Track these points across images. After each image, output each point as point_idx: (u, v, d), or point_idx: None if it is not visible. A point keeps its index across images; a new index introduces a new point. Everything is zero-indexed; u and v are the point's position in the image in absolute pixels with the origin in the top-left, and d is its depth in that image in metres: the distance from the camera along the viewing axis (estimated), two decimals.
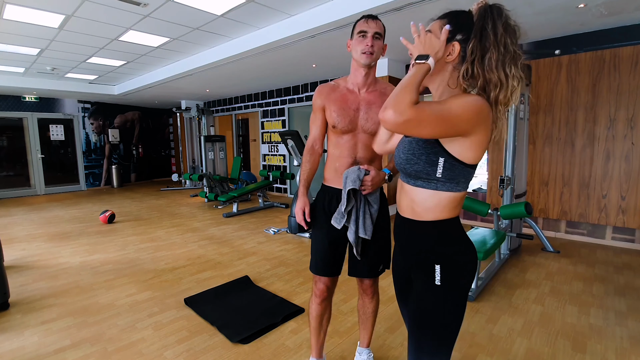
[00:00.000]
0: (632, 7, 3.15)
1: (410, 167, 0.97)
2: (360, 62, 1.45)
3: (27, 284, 2.99)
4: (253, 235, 4.45)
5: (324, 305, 1.68)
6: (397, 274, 1.18)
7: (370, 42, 1.41)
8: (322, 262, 1.60)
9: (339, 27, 3.52)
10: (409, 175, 1.00)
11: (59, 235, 4.56)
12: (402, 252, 1.11)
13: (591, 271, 3.12)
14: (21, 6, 3.37)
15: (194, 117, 9.24)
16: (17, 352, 2.01)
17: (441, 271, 0.97)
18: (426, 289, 1.00)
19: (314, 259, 1.63)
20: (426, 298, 1.00)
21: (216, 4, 3.39)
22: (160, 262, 3.51)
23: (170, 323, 2.31)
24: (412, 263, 1.05)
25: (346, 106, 1.49)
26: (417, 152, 0.96)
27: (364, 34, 1.42)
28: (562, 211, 4.12)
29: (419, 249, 1.02)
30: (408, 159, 0.98)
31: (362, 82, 1.51)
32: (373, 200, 1.51)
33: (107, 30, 4.08)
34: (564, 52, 3.94)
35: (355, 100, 1.50)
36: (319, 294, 1.65)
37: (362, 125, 1.48)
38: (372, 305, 1.72)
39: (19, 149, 8.24)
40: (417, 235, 1.02)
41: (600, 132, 3.82)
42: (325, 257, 1.59)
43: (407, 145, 1.00)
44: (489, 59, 0.90)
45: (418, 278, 1.03)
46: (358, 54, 1.44)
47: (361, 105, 1.49)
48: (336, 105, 1.49)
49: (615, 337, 2.10)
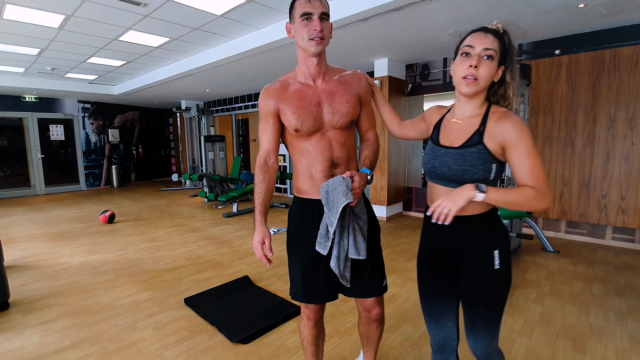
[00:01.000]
0: (632, 7, 3.15)
1: (469, 177, 1.07)
2: (310, 51, 1.23)
3: (27, 284, 2.99)
4: (253, 235, 4.44)
5: (318, 327, 1.47)
6: (433, 265, 1.24)
7: (318, 25, 1.19)
8: (314, 289, 1.35)
9: (339, 27, 3.52)
10: (461, 183, 1.09)
11: (59, 235, 4.56)
12: (446, 245, 1.18)
13: (591, 271, 3.12)
14: (21, 6, 3.37)
15: (194, 117, 9.24)
16: (17, 352, 2.01)
17: (499, 256, 1.11)
18: (488, 274, 1.12)
19: (301, 285, 1.37)
20: (489, 281, 1.12)
21: (216, 4, 3.39)
22: (160, 262, 3.51)
23: (170, 323, 2.31)
24: (465, 253, 1.15)
25: (306, 103, 1.26)
26: (474, 163, 1.07)
27: (309, 17, 1.20)
28: (562, 211, 4.12)
29: (475, 238, 1.13)
30: (465, 170, 1.08)
31: (316, 72, 1.29)
32: (360, 211, 1.27)
33: (107, 30, 4.08)
34: (564, 52, 3.94)
35: (314, 94, 1.28)
36: (311, 316, 1.43)
37: (328, 121, 1.28)
38: (378, 331, 1.49)
39: (19, 149, 8.24)
40: (471, 227, 1.13)
41: (600, 132, 3.81)
42: (318, 281, 1.34)
43: (458, 157, 1.09)
44: (514, 82, 1.10)
45: (476, 265, 1.14)
46: (305, 42, 1.22)
47: (322, 98, 1.28)
48: (293, 104, 1.26)
49: (615, 337, 2.09)
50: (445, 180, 1.13)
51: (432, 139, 1.21)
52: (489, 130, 1.07)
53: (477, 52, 1.04)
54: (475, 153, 1.07)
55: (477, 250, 1.13)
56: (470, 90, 1.07)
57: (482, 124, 1.09)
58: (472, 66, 1.04)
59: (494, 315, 1.15)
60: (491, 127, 1.07)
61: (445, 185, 1.14)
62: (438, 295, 1.23)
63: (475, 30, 1.08)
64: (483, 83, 1.06)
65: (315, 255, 1.32)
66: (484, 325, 1.15)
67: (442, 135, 1.18)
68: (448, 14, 3.30)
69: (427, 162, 1.18)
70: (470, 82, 1.06)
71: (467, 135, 1.10)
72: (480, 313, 1.15)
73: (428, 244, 1.25)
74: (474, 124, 1.11)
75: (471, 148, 1.07)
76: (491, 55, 1.04)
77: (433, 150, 1.18)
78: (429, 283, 1.26)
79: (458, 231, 1.14)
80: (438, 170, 1.14)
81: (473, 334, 1.18)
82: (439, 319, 1.24)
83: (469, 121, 1.12)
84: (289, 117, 1.27)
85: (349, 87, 1.32)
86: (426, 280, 1.27)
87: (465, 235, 1.13)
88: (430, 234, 1.23)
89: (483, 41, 1.04)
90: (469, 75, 1.05)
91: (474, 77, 1.05)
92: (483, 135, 1.07)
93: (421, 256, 1.28)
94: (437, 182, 1.17)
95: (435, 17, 3.37)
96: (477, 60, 1.04)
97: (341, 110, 1.28)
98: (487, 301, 1.14)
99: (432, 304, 1.25)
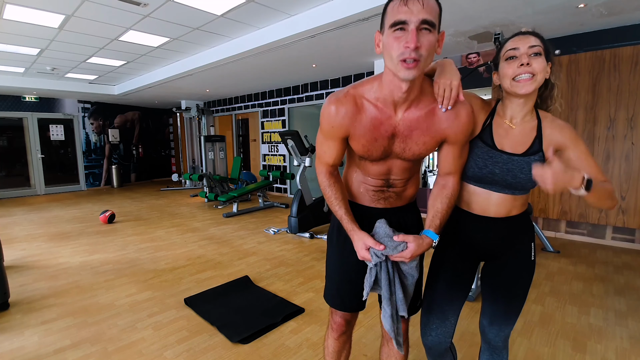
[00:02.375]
0: (632, 7, 3.15)
1: (531, 184, 1.10)
2: (399, 76, 0.93)
3: (27, 284, 2.99)
4: (253, 235, 4.45)
5: (343, 340, 1.36)
6: (458, 260, 1.26)
7: (413, 40, 0.86)
8: (347, 293, 1.26)
9: (339, 27, 3.52)
10: (521, 189, 1.13)
11: (59, 235, 4.56)
12: (485, 242, 1.21)
13: (591, 271, 3.12)
14: (21, 6, 3.37)
15: (194, 117, 9.25)
16: (17, 352, 2.01)
17: (534, 248, 1.21)
18: (525, 265, 1.20)
19: (334, 287, 1.29)
20: (525, 271, 1.20)
21: (216, 4, 3.39)
22: (160, 262, 3.51)
23: (170, 323, 2.31)
24: (507, 249, 1.20)
25: (379, 135, 1.04)
26: None
27: (402, 26, 0.88)
28: (562, 211, 4.12)
29: (520, 234, 1.19)
30: (530, 178, 1.08)
31: (401, 100, 1.01)
32: (409, 271, 1.15)
33: (107, 30, 4.08)
34: (564, 52, 3.94)
35: (390, 125, 1.04)
36: (337, 327, 1.33)
37: (397, 154, 1.09)
38: (401, 356, 1.35)
39: (19, 149, 8.24)
40: (515, 226, 1.18)
41: (600, 132, 3.81)
42: (351, 286, 1.24)
43: (525, 165, 1.10)
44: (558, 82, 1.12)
45: (515, 258, 1.20)
46: (394, 63, 0.91)
47: (398, 131, 1.05)
48: (365, 136, 1.05)
49: (615, 337, 2.10)
50: (503, 186, 1.13)
51: (485, 142, 1.14)
52: (546, 137, 1.10)
53: (524, 52, 1.03)
54: (539, 162, 1.08)
55: (520, 244, 1.19)
56: (530, 88, 1.03)
57: (538, 129, 1.11)
58: (525, 64, 1.02)
59: (520, 303, 1.22)
60: (548, 133, 1.10)
61: (497, 191, 1.14)
62: (452, 290, 1.24)
63: (512, 36, 1.08)
64: (540, 77, 1.04)
65: (354, 257, 1.20)
66: (512, 315, 1.22)
67: (496, 138, 1.13)
68: (448, 14, 3.30)
69: (483, 167, 1.12)
70: (526, 80, 1.03)
71: (527, 142, 1.11)
72: (510, 302, 1.21)
73: (458, 241, 1.24)
74: (530, 129, 1.12)
75: (535, 156, 1.09)
76: (538, 52, 1.02)
77: (490, 155, 1.12)
78: (446, 275, 1.25)
79: (505, 229, 1.18)
80: (498, 177, 1.12)
81: (497, 324, 1.23)
82: (446, 312, 1.23)
83: (523, 126, 1.12)
84: (356, 145, 1.09)
85: (434, 127, 1.05)
86: (445, 273, 1.26)
87: (512, 232, 1.18)
88: (467, 232, 1.21)
89: (525, 41, 1.04)
90: (523, 74, 1.02)
91: (531, 74, 1.02)
92: (542, 141, 1.10)
93: (443, 250, 1.27)
94: (487, 188, 1.15)
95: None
96: (527, 58, 1.02)
97: (413, 150, 1.07)
98: (520, 292, 1.21)
99: (445, 297, 1.24)
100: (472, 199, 1.18)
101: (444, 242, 1.28)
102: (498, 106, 1.17)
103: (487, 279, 1.26)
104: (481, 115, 1.17)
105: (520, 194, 1.15)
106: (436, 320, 1.24)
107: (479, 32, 3.82)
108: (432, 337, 1.26)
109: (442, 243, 1.28)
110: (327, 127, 1.08)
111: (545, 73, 1.05)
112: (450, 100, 1.01)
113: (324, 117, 1.08)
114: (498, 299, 1.23)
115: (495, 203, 1.15)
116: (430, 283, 1.29)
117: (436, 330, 1.25)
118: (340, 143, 1.11)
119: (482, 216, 1.17)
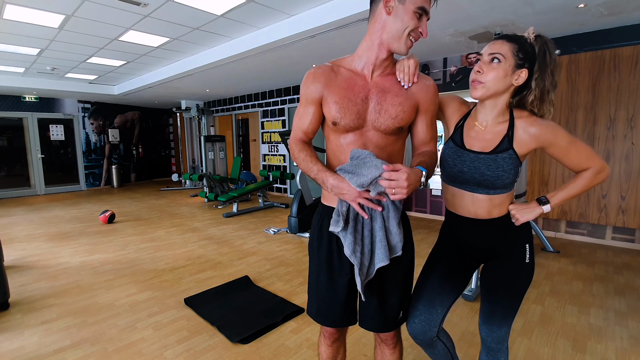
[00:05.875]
0: (632, 7, 3.15)
1: (501, 182, 1.11)
2: (400, 50, 1.05)
3: (27, 284, 2.99)
4: (253, 235, 4.45)
5: (337, 345, 1.32)
6: (454, 256, 1.28)
7: (425, 29, 1.03)
8: (328, 310, 1.20)
9: (339, 27, 3.52)
10: (491, 188, 1.13)
11: (59, 235, 4.56)
12: (478, 242, 1.23)
13: (591, 271, 3.12)
14: (21, 6, 3.37)
15: (194, 117, 9.25)
16: (17, 352, 2.01)
17: (529, 250, 1.19)
18: (520, 267, 1.19)
19: (315, 302, 1.22)
20: (520, 273, 1.19)
21: (216, 4, 3.39)
22: (160, 262, 3.51)
23: (170, 323, 2.31)
24: (500, 250, 1.20)
25: (352, 94, 1.07)
26: (507, 168, 1.10)
27: (422, 14, 1.02)
28: (562, 211, 4.12)
29: (512, 235, 1.19)
30: (498, 175, 1.10)
31: (380, 63, 1.09)
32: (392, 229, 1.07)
33: (107, 30, 4.08)
34: (564, 52, 3.94)
35: (364, 87, 1.09)
36: (329, 336, 1.29)
37: (371, 121, 1.08)
38: (394, 357, 1.31)
39: (19, 149, 8.24)
40: (503, 228, 1.18)
41: (600, 132, 3.81)
42: (332, 304, 1.18)
43: (491, 163, 1.10)
44: (547, 90, 1.07)
45: (509, 260, 1.20)
46: (402, 39, 1.03)
47: (371, 94, 1.08)
48: (339, 93, 1.08)
49: (615, 337, 2.10)
50: (474, 185, 1.15)
51: (455, 142, 1.19)
52: (517, 136, 1.10)
53: (485, 58, 1.09)
54: (507, 158, 1.10)
55: (512, 246, 1.19)
56: (477, 94, 1.11)
57: (509, 128, 1.11)
58: (476, 71, 1.10)
59: (514, 306, 1.21)
60: (520, 133, 1.10)
61: (471, 190, 1.16)
62: (445, 282, 1.26)
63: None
64: (490, 85, 1.08)
65: (328, 272, 1.15)
66: (506, 316, 1.21)
67: (466, 139, 1.18)
68: (448, 14, 3.30)
69: (453, 166, 1.17)
70: (476, 84, 1.10)
71: (496, 141, 1.12)
72: (503, 303, 1.21)
73: (453, 241, 1.28)
74: (500, 129, 1.13)
75: (503, 153, 1.10)
76: (496, 58, 1.07)
77: (459, 154, 1.16)
78: (441, 268, 1.28)
79: (494, 230, 1.19)
80: (467, 175, 1.15)
81: (489, 324, 1.23)
82: (433, 301, 1.24)
83: (494, 127, 1.14)
84: (330, 107, 1.08)
85: (406, 92, 1.10)
86: (439, 265, 1.29)
87: (501, 233, 1.19)
88: (460, 233, 1.25)
89: (491, 47, 1.09)
90: (474, 80, 1.11)
91: (478, 81, 1.09)
92: (512, 140, 1.10)
93: (441, 247, 1.31)
94: (460, 187, 1.18)
95: (435, 17, 3.33)
96: (480, 65, 1.09)
97: (389, 112, 1.07)
98: (514, 294, 1.20)
99: (435, 286, 1.26)
100: (455, 201, 1.22)
101: (442, 239, 1.31)
102: (473, 109, 1.22)
103: (484, 279, 1.28)
104: (455, 117, 1.24)
105: (495, 193, 1.14)
106: (422, 308, 1.24)
107: (478, 32, 3.82)
108: (416, 324, 1.24)
109: (441, 240, 1.32)
110: (304, 91, 1.14)
111: (499, 80, 1.06)
112: (410, 75, 1.09)
113: (302, 84, 1.16)
114: (492, 300, 1.24)
115: (472, 203, 1.17)
116: (423, 274, 1.32)
117: (420, 317, 1.24)
118: (316, 108, 1.13)
119: (469, 218, 1.20)
